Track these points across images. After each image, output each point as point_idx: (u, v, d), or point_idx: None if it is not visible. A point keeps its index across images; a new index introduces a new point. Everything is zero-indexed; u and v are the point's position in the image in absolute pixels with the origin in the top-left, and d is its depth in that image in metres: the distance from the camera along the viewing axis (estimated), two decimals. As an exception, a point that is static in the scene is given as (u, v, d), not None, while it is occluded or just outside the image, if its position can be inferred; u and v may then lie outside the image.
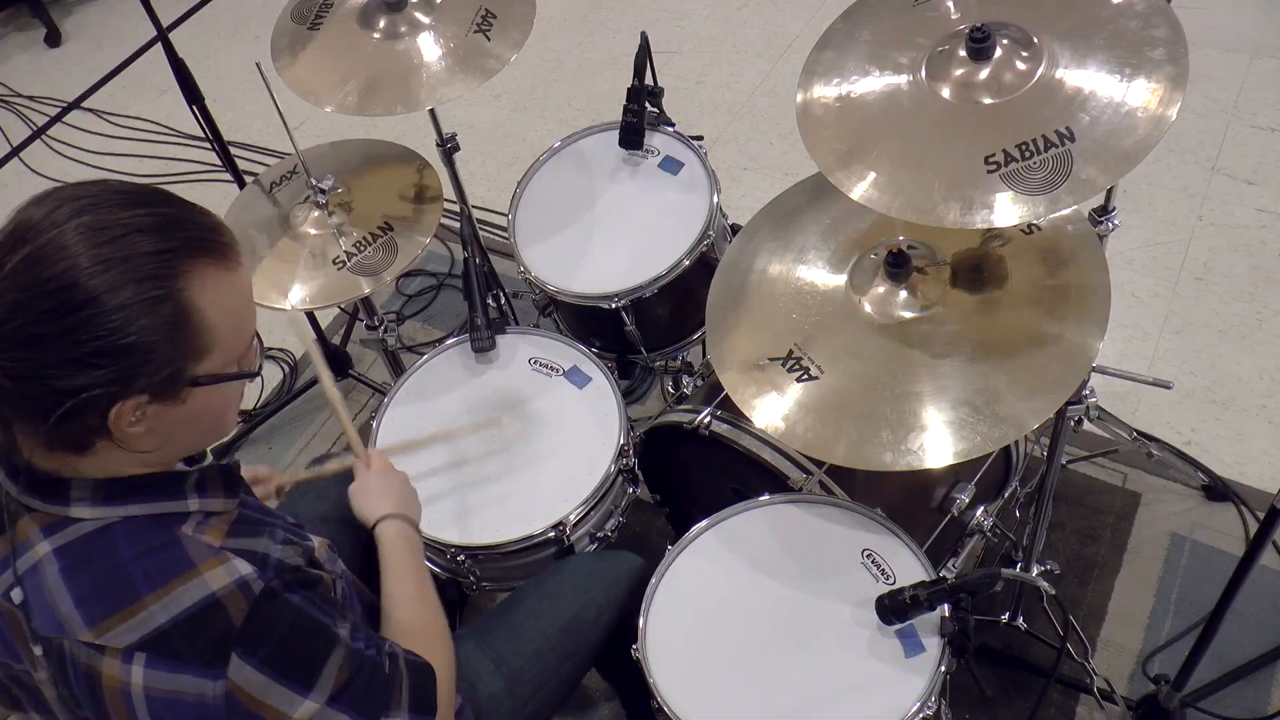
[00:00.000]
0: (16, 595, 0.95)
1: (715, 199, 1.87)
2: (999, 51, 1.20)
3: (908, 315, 1.36)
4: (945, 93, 1.23)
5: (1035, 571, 1.86)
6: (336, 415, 1.49)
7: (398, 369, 2.14)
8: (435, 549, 1.63)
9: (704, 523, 1.50)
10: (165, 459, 1.00)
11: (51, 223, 0.87)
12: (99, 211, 0.88)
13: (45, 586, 0.94)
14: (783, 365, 1.36)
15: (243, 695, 0.93)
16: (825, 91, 1.30)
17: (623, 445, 1.66)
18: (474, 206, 2.42)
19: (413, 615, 1.21)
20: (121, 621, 0.92)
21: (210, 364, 0.94)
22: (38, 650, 0.96)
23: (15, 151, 3.57)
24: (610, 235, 1.91)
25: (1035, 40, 1.21)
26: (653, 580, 1.45)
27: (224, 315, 0.93)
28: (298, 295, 1.79)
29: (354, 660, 1.01)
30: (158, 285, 0.88)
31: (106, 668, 0.92)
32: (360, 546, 1.62)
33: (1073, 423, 1.61)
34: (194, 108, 2.18)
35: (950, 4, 1.31)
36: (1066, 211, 1.16)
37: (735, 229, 1.89)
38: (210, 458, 2.58)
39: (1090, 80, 1.17)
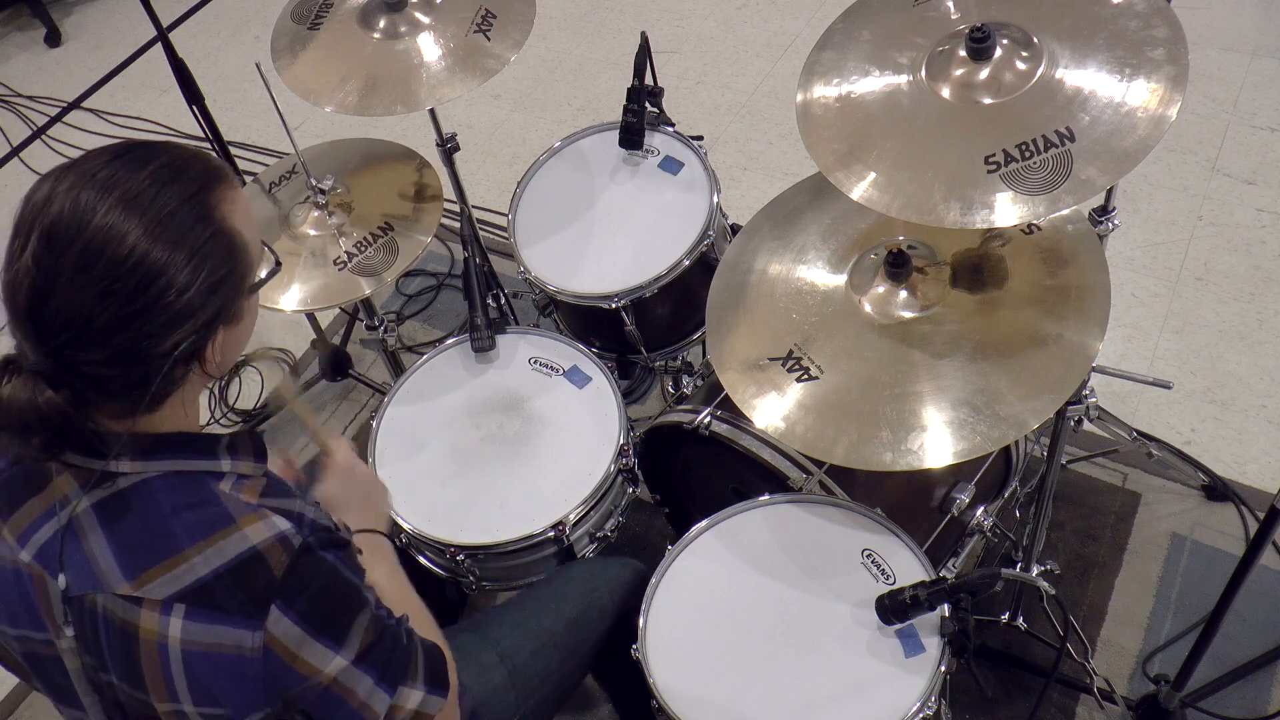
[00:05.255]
0: (52, 560, 0.96)
1: (715, 199, 1.87)
2: (999, 51, 1.20)
3: (908, 315, 1.36)
4: (945, 93, 1.23)
5: (1035, 571, 1.85)
6: (296, 414, 1.44)
7: (398, 369, 2.14)
8: (435, 548, 1.63)
9: (704, 523, 1.51)
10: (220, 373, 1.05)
11: (86, 209, 0.89)
12: (121, 184, 0.90)
13: (83, 541, 0.95)
14: (783, 365, 1.36)
15: (279, 647, 0.94)
16: (825, 91, 1.30)
17: (622, 445, 1.66)
18: (474, 206, 2.42)
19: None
20: (163, 573, 0.93)
21: (253, 274, 1.00)
22: (68, 630, 0.96)
23: (15, 151, 3.57)
24: (610, 235, 1.91)
25: (1035, 40, 1.21)
26: (653, 580, 1.45)
27: (250, 228, 0.99)
28: (297, 296, 1.79)
29: (378, 625, 1.02)
30: (207, 225, 0.93)
31: (144, 620, 0.93)
32: None
33: (1073, 423, 1.61)
34: (194, 108, 2.18)
35: (950, 4, 1.31)
36: (1066, 211, 1.16)
37: (735, 229, 1.89)
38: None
39: (1090, 80, 1.17)
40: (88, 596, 0.95)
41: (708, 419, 1.61)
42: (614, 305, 1.83)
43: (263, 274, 1.02)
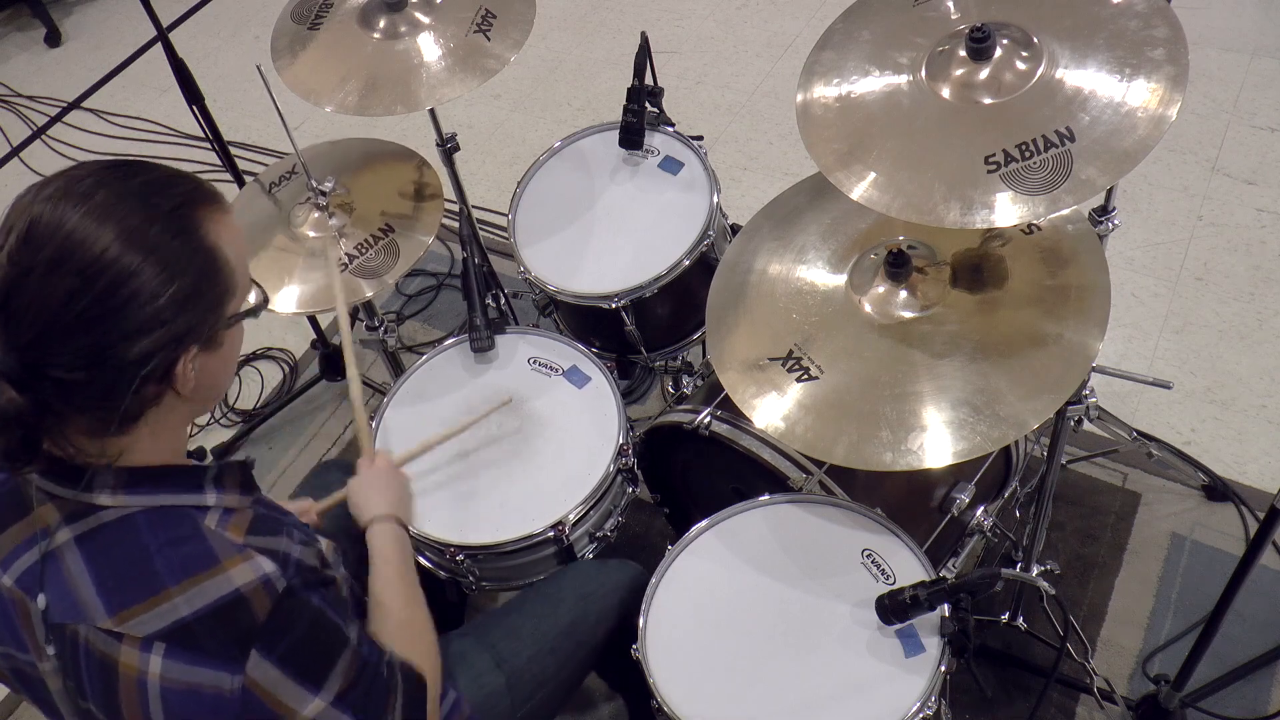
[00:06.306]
0: (33, 587, 0.96)
1: (715, 199, 1.87)
2: (999, 51, 1.20)
3: (908, 315, 1.36)
4: (945, 93, 1.23)
5: (1035, 571, 1.86)
6: (352, 407, 1.49)
7: (397, 369, 2.13)
8: (435, 549, 1.63)
9: (704, 523, 1.51)
10: (198, 413, 1.04)
11: (66, 211, 0.89)
12: (106, 190, 0.91)
13: (65, 572, 0.95)
14: (783, 365, 1.36)
15: (259, 690, 0.94)
16: (825, 91, 1.30)
17: (622, 445, 1.66)
18: (474, 206, 2.42)
19: (398, 615, 1.21)
20: (144, 611, 0.93)
21: (235, 302, 0.99)
22: (50, 649, 0.96)
23: (15, 151, 3.57)
24: (610, 235, 1.91)
25: (1035, 40, 1.21)
26: (653, 580, 1.45)
27: (236, 253, 0.98)
28: (297, 296, 1.79)
29: (358, 663, 1.01)
30: (187, 239, 0.93)
31: (124, 656, 0.93)
32: (355, 542, 1.63)
33: (1073, 423, 1.61)
34: (194, 108, 2.18)
35: (950, 4, 1.31)
36: (1066, 211, 1.16)
37: (735, 229, 1.89)
38: (211, 458, 2.58)
39: (1090, 80, 1.17)
40: (68, 626, 0.95)
41: (708, 419, 1.61)
42: (614, 305, 1.83)
43: (249, 302, 1.01)
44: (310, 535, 1.07)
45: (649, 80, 1.93)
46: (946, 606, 1.30)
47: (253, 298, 1.02)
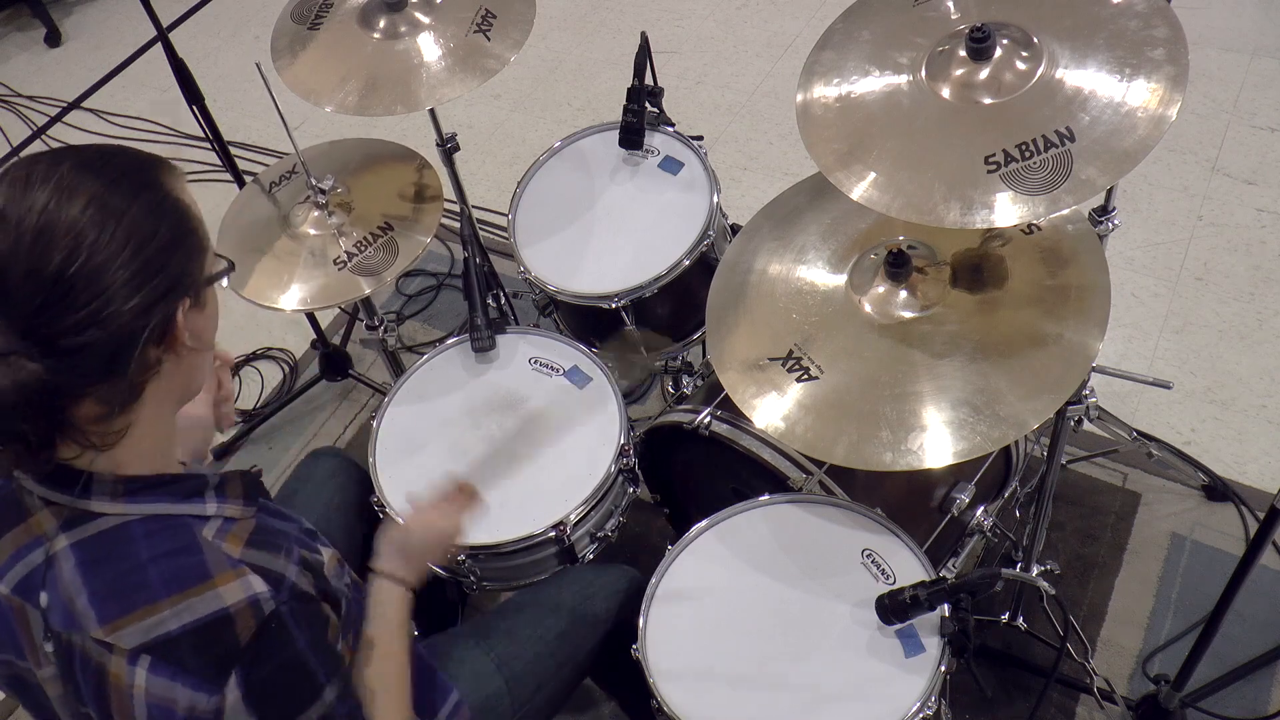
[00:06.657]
0: (32, 592, 0.96)
1: (715, 199, 1.87)
2: (999, 51, 1.20)
3: (908, 315, 1.36)
4: (945, 93, 1.23)
5: (1035, 571, 1.86)
6: None
7: (398, 369, 2.14)
8: (435, 549, 1.63)
9: (704, 523, 1.51)
10: (190, 392, 1.03)
11: (34, 186, 0.90)
12: (66, 167, 0.92)
13: (60, 580, 0.95)
14: (783, 365, 1.36)
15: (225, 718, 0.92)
16: (825, 91, 1.30)
17: (623, 445, 1.66)
18: (474, 206, 2.42)
19: (373, 670, 1.16)
20: (134, 622, 0.92)
21: (210, 259, 1.00)
22: (48, 646, 0.96)
23: (15, 151, 3.57)
24: (610, 235, 1.91)
25: (1035, 40, 1.21)
26: (653, 580, 1.46)
27: (199, 211, 0.99)
28: (297, 296, 1.79)
29: None
30: (155, 194, 0.95)
31: (114, 666, 0.93)
32: (359, 537, 1.63)
33: (1073, 423, 1.61)
34: (194, 108, 2.18)
35: (950, 4, 1.31)
36: (1066, 211, 1.16)
37: (735, 229, 1.89)
38: (211, 457, 2.58)
39: (1090, 80, 1.17)
40: (63, 634, 0.95)
41: (708, 419, 1.61)
42: (614, 305, 1.83)
43: (219, 268, 1.01)
44: (315, 549, 1.06)
45: (649, 80, 1.93)
46: (946, 606, 1.30)
47: (219, 266, 1.02)
